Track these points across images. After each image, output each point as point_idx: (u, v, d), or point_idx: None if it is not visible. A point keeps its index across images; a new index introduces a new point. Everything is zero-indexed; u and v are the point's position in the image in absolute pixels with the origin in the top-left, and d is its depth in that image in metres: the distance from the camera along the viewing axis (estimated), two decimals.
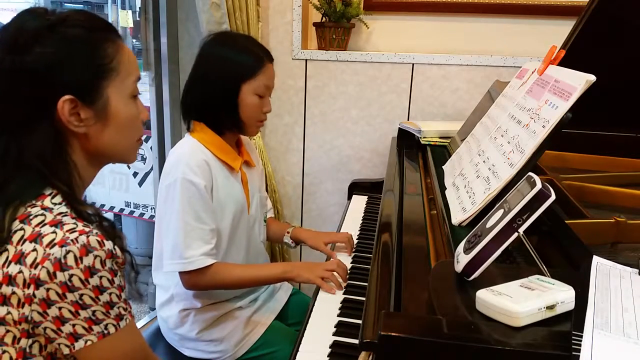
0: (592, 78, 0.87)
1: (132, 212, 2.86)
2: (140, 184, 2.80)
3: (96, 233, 0.73)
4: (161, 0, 2.18)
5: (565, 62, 1.05)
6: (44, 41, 0.75)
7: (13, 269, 0.71)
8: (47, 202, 0.75)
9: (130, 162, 0.90)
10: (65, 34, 0.77)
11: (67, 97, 0.76)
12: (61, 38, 0.76)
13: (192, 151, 1.28)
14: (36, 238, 0.72)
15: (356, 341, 0.92)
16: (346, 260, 1.41)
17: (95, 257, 0.71)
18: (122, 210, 2.89)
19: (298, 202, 2.38)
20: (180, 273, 1.26)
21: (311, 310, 1.16)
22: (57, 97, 0.76)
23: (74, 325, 0.72)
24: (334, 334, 1.07)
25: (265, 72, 1.31)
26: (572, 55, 1.14)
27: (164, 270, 1.29)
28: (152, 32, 2.25)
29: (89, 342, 0.73)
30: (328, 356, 1.01)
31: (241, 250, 1.39)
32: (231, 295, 1.39)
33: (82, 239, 0.71)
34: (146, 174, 2.76)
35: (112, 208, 2.92)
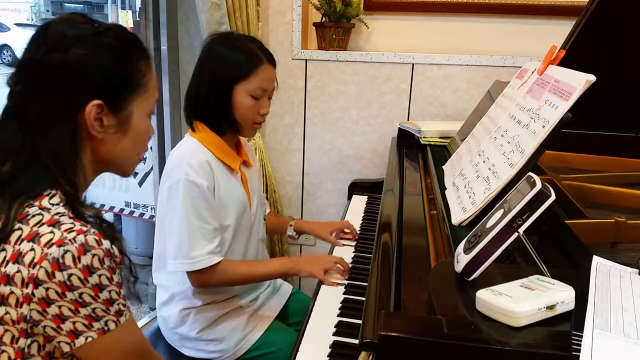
0: (592, 78, 0.87)
1: (132, 212, 2.86)
2: (140, 184, 2.79)
3: (94, 232, 0.73)
4: (161, 0, 2.18)
5: (565, 62, 1.05)
6: (84, 45, 0.78)
7: (11, 268, 0.71)
8: (45, 202, 0.76)
9: (128, 175, 0.92)
10: (104, 42, 0.80)
11: (97, 101, 0.78)
12: (100, 45, 0.79)
13: (193, 152, 1.28)
14: (34, 237, 0.72)
15: (356, 341, 0.92)
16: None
17: (94, 255, 0.72)
18: (122, 210, 2.89)
19: (298, 202, 2.38)
20: (189, 273, 1.27)
21: (311, 310, 1.16)
22: (86, 99, 0.78)
23: (74, 323, 0.72)
24: (334, 334, 1.07)
25: (260, 74, 1.29)
26: (572, 55, 1.14)
27: (168, 270, 1.29)
28: (152, 32, 2.25)
29: (89, 339, 0.73)
30: (328, 356, 1.01)
31: (240, 248, 1.39)
32: (231, 294, 1.39)
33: (80, 238, 0.71)
34: (146, 174, 2.76)
35: (112, 208, 2.92)
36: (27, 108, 0.78)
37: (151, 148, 2.55)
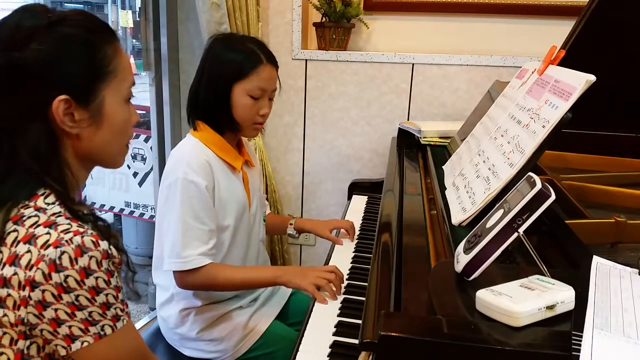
0: (592, 78, 0.87)
1: (132, 212, 2.86)
2: (140, 184, 2.80)
3: (91, 233, 0.72)
4: (161, 0, 2.18)
5: (565, 62, 1.05)
6: (40, 39, 0.74)
7: (8, 271, 0.70)
8: (40, 202, 0.75)
9: (117, 166, 0.89)
10: (63, 33, 0.76)
11: (62, 97, 0.75)
12: (59, 36, 0.75)
13: (193, 151, 1.28)
14: (30, 239, 0.71)
15: (356, 341, 0.92)
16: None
17: (91, 257, 0.71)
18: (122, 210, 2.89)
19: (298, 202, 2.38)
20: (174, 272, 1.26)
21: (311, 310, 1.16)
22: (51, 96, 0.75)
23: (70, 327, 0.71)
24: (334, 334, 1.07)
25: (260, 74, 1.28)
26: (572, 55, 1.14)
27: (163, 269, 1.29)
28: (152, 32, 2.26)
29: (85, 344, 0.72)
30: (328, 356, 1.00)
31: (241, 249, 1.39)
32: (231, 294, 1.39)
33: (77, 239, 0.70)
34: (146, 174, 2.76)
35: (112, 208, 2.92)
36: None
37: (151, 148, 2.55)
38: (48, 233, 0.71)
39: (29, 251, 0.70)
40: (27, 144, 0.75)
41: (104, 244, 0.73)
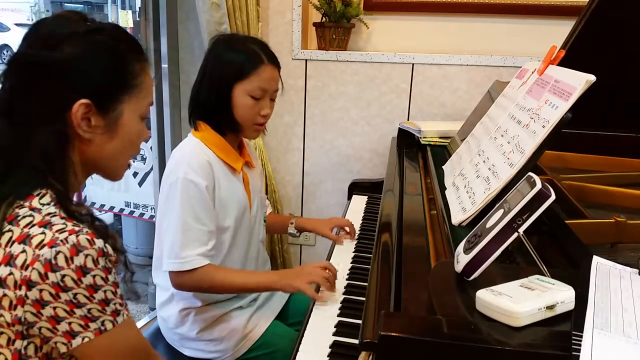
0: (592, 78, 0.87)
1: (132, 212, 2.86)
2: (140, 184, 2.80)
3: (86, 232, 0.72)
4: (161, 1, 2.18)
5: (565, 62, 1.05)
6: (75, 43, 0.77)
7: (3, 271, 0.70)
8: (35, 202, 0.75)
9: (117, 179, 0.90)
10: (96, 40, 0.79)
11: (84, 100, 0.77)
12: (92, 43, 0.78)
13: (194, 151, 1.28)
14: (25, 239, 0.71)
15: (356, 341, 0.93)
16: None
17: (87, 256, 0.71)
18: (122, 210, 2.89)
19: (298, 202, 2.38)
20: (170, 272, 1.26)
21: (311, 310, 1.16)
22: (74, 98, 0.77)
23: (69, 323, 0.71)
24: (334, 334, 1.07)
25: (261, 74, 1.28)
26: (572, 55, 1.14)
27: (163, 270, 1.29)
28: (152, 32, 2.25)
29: (86, 339, 0.72)
30: (328, 356, 1.01)
31: (241, 250, 1.39)
32: (231, 295, 1.39)
33: (72, 238, 0.71)
34: (146, 174, 2.76)
35: (112, 208, 2.92)
36: (17, 105, 0.77)
37: (151, 148, 2.55)
38: (43, 233, 0.71)
39: (23, 251, 0.70)
40: (38, 141, 0.76)
41: (99, 242, 0.73)
